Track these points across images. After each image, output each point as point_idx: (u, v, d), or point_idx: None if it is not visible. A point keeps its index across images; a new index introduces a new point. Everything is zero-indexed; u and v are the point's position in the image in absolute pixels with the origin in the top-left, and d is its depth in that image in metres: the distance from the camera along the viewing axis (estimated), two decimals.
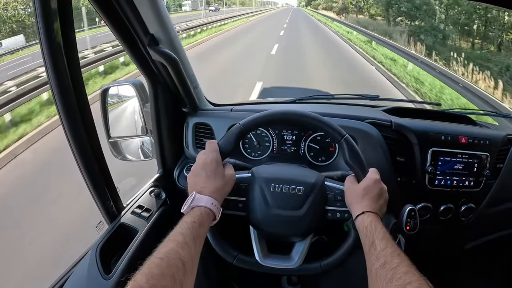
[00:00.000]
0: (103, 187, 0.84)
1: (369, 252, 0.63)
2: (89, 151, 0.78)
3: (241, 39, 14.26)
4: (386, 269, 0.57)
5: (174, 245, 0.57)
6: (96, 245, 0.82)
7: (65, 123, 0.72)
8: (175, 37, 0.89)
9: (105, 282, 0.76)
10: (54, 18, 0.63)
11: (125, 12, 0.77)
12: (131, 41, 0.84)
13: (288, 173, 0.82)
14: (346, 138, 0.76)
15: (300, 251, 0.79)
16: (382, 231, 0.65)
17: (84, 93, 0.74)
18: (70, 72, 0.69)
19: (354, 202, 0.73)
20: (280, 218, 0.77)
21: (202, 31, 14.52)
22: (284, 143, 1.06)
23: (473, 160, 1.03)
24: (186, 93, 0.99)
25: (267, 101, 1.56)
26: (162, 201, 1.02)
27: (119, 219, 0.91)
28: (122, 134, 1.13)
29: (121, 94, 1.13)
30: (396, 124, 1.04)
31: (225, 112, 1.12)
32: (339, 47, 12.52)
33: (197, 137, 1.10)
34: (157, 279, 0.50)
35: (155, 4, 0.79)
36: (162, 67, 0.90)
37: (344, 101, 1.33)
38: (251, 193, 0.78)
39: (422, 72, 6.93)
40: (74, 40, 0.69)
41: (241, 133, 0.78)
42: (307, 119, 0.79)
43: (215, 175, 0.71)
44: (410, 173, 1.03)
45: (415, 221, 0.82)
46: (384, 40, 10.68)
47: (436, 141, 1.01)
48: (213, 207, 0.67)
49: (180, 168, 1.11)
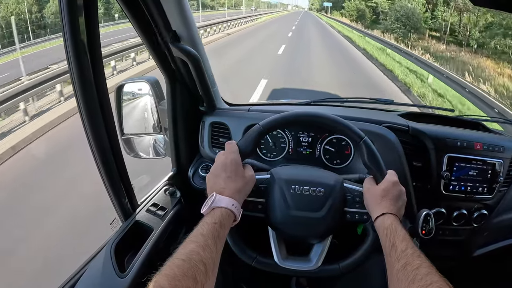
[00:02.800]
0: (119, 184, 0.84)
1: (390, 254, 0.63)
2: (107, 148, 0.77)
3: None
4: (407, 270, 0.57)
5: (195, 246, 0.56)
6: (112, 242, 0.81)
7: (86, 119, 0.72)
8: (196, 35, 0.89)
9: (120, 280, 0.75)
10: (79, 13, 0.62)
11: (149, 8, 0.77)
12: (152, 37, 0.84)
13: (308, 174, 0.82)
14: (365, 140, 0.76)
15: (319, 252, 0.79)
16: (402, 233, 0.65)
17: (106, 90, 0.74)
18: (93, 69, 0.69)
19: (373, 203, 0.73)
20: (300, 220, 0.76)
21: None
22: (300, 144, 1.06)
23: (487, 166, 1.03)
24: (205, 92, 0.98)
25: (282, 102, 1.56)
26: (177, 199, 1.02)
27: (134, 217, 0.90)
28: (135, 131, 1.12)
29: (135, 91, 1.12)
30: (413, 129, 1.04)
31: (242, 112, 1.12)
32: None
33: (213, 137, 1.09)
34: (179, 281, 0.49)
35: (179, 1, 0.79)
36: (182, 65, 0.89)
37: (359, 105, 1.33)
38: (270, 194, 0.78)
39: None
40: (98, 36, 0.69)
41: (261, 134, 0.77)
42: (326, 121, 0.79)
43: (236, 176, 0.71)
44: (426, 178, 1.03)
45: (431, 226, 0.82)
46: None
47: (452, 147, 1.02)
48: (234, 208, 0.67)
49: (195, 167, 1.10)
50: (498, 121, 1.71)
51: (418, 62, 8.19)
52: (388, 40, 13.47)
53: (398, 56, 10.21)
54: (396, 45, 11.26)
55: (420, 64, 8.02)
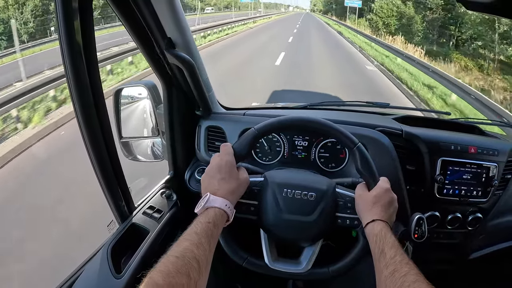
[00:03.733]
0: (116, 187, 0.85)
1: (379, 260, 0.64)
2: (104, 150, 0.78)
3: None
4: (395, 277, 0.58)
5: (189, 244, 0.58)
6: (108, 244, 0.83)
7: (82, 122, 0.73)
8: (191, 41, 0.90)
9: (116, 281, 0.76)
10: (75, 17, 0.63)
11: (144, 15, 0.78)
12: (148, 44, 0.85)
13: (300, 178, 0.83)
14: (359, 147, 0.77)
15: (309, 256, 0.80)
16: (391, 240, 0.66)
17: (101, 93, 0.75)
18: (89, 72, 0.70)
19: (364, 210, 0.74)
20: (291, 223, 0.78)
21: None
22: (295, 148, 1.07)
23: (481, 170, 1.03)
24: (200, 97, 1.00)
25: (279, 106, 1.57)
26: (173, 202, 1.03)
27: (130, 219, 0.91)
28: (133, 135, 1.14)
29: (133, 95, 1.14)
30: (406, 133, 1.04)
31: (238, 116, 1.13)
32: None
33: (209, 140, 1.11)
34: (173, 277, 0.51)
35: (173, 8, 0.81)
36: (178, 70, 0.91)
37: (355, 108, 1.34)
38: (263, 197, 0.79)
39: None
40: (94, 39, 0.70)
41: (256, 137, 0.79)
42: (320, 126, 0.80)
43: (230, 178, 0.72)
44: (419, 181, 1.04)
45: (423, 230, 0.82)
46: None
47: (446, 151, 1.02)
48: (227, 208, 0.68)
49: (191, 171, 1.11)
50: (499, 125, 1.71)
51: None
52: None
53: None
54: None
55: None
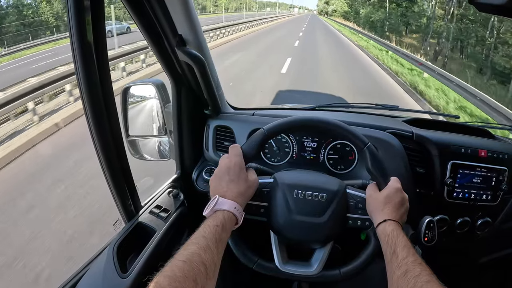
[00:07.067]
0: (123, 186, 0.85)
1: (391, 261, 0.63)
2: (112, 149, 0.78)
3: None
4: (408, 278, 0.57)
5: (196, 248, 0.56)
6: (114, 243, 0.82)
7: (91, 120, 0.72)
8: (202, 39, 0.89)
9: (121, 280, 0.76)
10: (86, 14, 0.62)
11: (155, 12, 0.78)
12: (158, 41, 0.84)
13: (311, 179, 0.81)
14: (369, 147, 0.76)
15: (320, 258, 0.79)
16: (403, 240, 0.65)
17: (111, 92, 0.74)
18: (99, 70, 0.69)
19: (375, 210, 0.73)
20: (302, 224, 0.76)
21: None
22: (304, 149, 1.06)
23: (491, 174, 1.02)
24: (210, 96, 0.99)
25: (287, 107, 1.56)
26: (180, 202, 1.02)
27: (137, 218, 0.91)
28: (140, 133, 1.14)
29: (141, 94, 1.14)
30: (417, 136, 1.03)
31: (247, 116, 1.12)
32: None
33: (217, 140, 1.10)
34: (179, 282, 0.50)
35: (186, 5, 0.80)
36: (188, 69, 0.90)
37: (364, 110, 1.33)
38: (273, 198, 0.78)
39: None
40: (105, 37, 0.69)
41: (265, 138, 0.78)
42: (330, 126, 0.79)
43: (239, 179, 0.71)
44: (429, 184, 1.03)
45: (433, 233, 0.81)
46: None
47: (456, 154, 1.01)
48: (236, 211, 0.67)
49: (198, 170, 1.11)
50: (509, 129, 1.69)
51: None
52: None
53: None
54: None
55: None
